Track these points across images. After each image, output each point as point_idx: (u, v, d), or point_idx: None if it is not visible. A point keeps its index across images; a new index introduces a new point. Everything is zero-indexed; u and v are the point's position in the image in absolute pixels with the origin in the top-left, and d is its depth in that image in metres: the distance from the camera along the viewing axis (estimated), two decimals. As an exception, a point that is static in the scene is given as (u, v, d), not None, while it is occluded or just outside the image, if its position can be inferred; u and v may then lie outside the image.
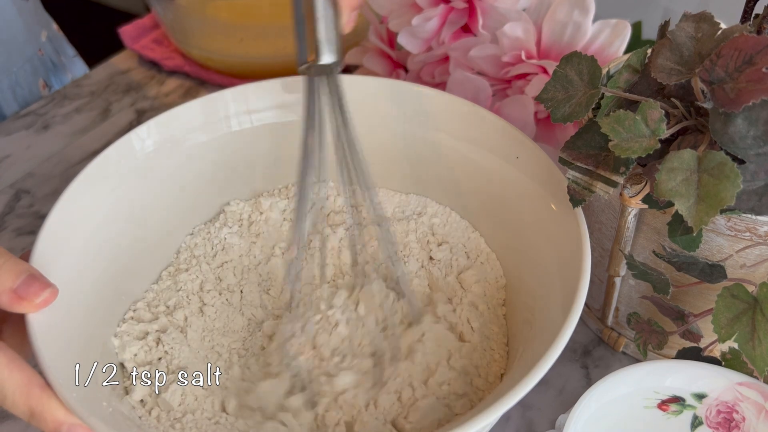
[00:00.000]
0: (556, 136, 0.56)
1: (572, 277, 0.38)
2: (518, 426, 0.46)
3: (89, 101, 0.73)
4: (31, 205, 0.62)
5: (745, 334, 0.36)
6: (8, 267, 0.34)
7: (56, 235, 0.40)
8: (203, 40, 0.72)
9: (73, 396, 0.33)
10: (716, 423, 0.40)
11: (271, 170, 0.52)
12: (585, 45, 0.53)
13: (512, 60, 0.54)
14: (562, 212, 0.41)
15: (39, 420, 0.33)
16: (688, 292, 0.43)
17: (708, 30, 0.37)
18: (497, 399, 0.33)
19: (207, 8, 0.74)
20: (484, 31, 0.55)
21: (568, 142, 0.39)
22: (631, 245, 0.43)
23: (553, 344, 0.34)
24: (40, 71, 0.77)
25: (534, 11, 0.55)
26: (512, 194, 0.46)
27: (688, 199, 0.33)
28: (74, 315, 0.39)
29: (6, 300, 0.34)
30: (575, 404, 0.38)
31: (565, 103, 0.40)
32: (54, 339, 0.36)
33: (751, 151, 0.35)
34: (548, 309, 0.40)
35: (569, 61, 0.40)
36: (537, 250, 0.44)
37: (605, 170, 0.38)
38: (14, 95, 0.73)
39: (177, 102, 0.73)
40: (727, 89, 0.34)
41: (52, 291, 0.36)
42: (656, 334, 0.42)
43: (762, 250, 0.39)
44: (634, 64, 0.41)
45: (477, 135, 0.48)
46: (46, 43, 0.78)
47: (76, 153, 0.67)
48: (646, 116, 0.35)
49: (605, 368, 0.49)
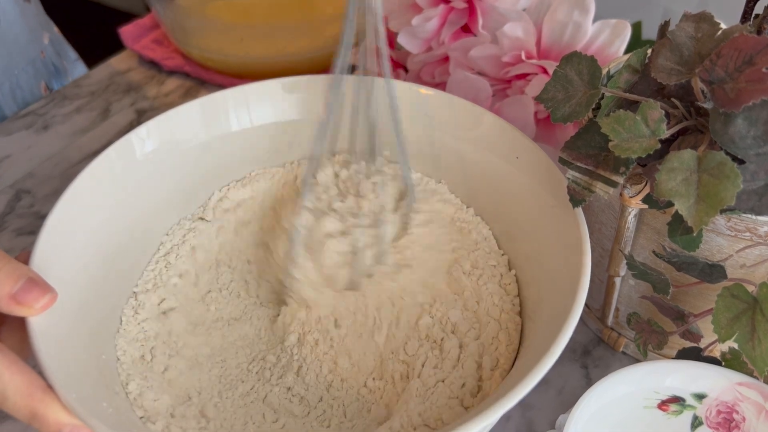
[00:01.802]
0: (556, 136, 0.56)
1: (572, 277, 0.38)
2: (518, 426, 0.46)
3: (89, 101, 0.73)
4: (32, 205, 0.62)
5: (745, 334, 0.36)
6: (7, 271, 0.34)
7: (56, 236, 0.40)
8: (203, 40, 0.72)
9: (73, 397, 0.33)
10: (716, 423, 0.40)
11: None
12: (585, 45, 0.53)
13: (512, 60, 0.54)
14: (562, 212, 0.41)
15: (40, 422, 0.33)
16: (688, 292, 0.43)
17: (708, 30, 0.37)
18: (497, 399, 0.33)
19: (207, 8, 0.74)
20: (484, 31, 0.55)
21: (568, 142, 0.39)
22: (631, 245, 0.43)
23: (553, 344, 0.34)
24: (42, 74, 0.77)
25: (534, 11, 0.55)
26: (512, 194, 0.46)
27: (688, 199, 0.33)
28: (74, 315, 0.39)
29: (5, 305, 0.34)
30: (575, 404, 0.38)
31: (565, 103, 0.40)
32: (54, 340, 0.36)
33: (751, 151, 0.35)
34: (548, 309, 0.40)
35: (569, 61, 0.40)
36: (537, 250, 0.44)
37: (605, 170, 0.38)
38: (14, 98, 0.73)
39: (177, 102, 0.73)
40: (727, 89, 0.34)
41: (52, 296, 0.36)
42: (656, 334, 0.42)
43: (762, 250, 0.39)
44: (634, 64, 0.41)
45: (477, 135, 0.48)
46: (48, 45, 0.78)
47: (76, 153, 0.67)
48: (646, 116, 0.35)
49: (605, 368, 0.49)
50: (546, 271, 0.42)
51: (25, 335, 0.35)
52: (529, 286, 0.44)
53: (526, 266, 0.45)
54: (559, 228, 0.41)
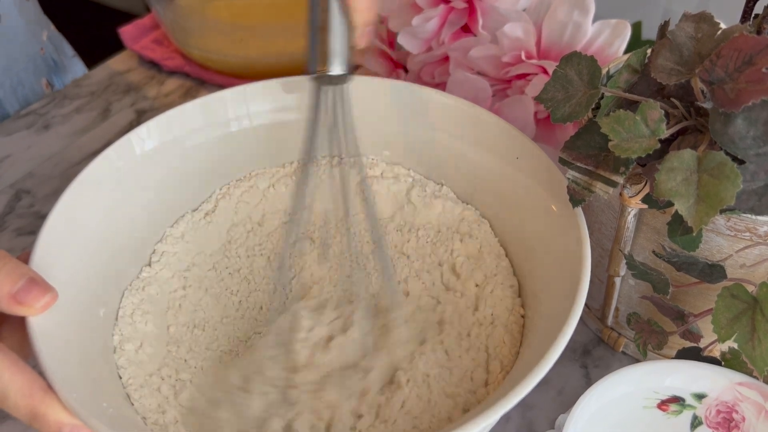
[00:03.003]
0: (556, 136, 0.56)
1: (572, 278, 0.38)
2: (518, 426, 0.46)
3: (89, 101, 0.73)
4: (32, 205, 0.62)
5: (744, 334, 0.36)
6: (7, 270, 0.34)
7: (56, 236, 0.40)
8: (203, 40, 0.72)
9: (73, 397, 0.33)
10: (716, 423, 0.40)
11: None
12: (585, 45, 0.53)
13: (512, 60, 0.54)
14: (562, 212, 0.41)
15: (41, 422, 0.33)
16: (688, 292, 0.43)
17: (708, 30, 0.37)
18: (497, 400, 0.33)
19: (207, 8, 0.74)
20: (484, 31, 0.55)
21: (568, 142, 0.39)
22: (630, 245, 0.43)
23: (553, 344, 0.34)
24: (42, 70, 0.77)
25: (534, 11, 0.55)
26: (512, 194, 0.46)
27: (688, 199, 0.33)
28: (74, 315, 0.39)
29: (5, 304, 0.34)
30: (575, 404, 0.38)
31: (564, 103, 0.40)
32: (54, 339, 0.36)
33: (751, 151, 0.35)
34: (548, 309, 0.40)
35: (569, 61, 0.40)
36: (537, 250, 0.44)
37: (605, 170, 0.38)
38: (15, 95, 0.73)
39: (177, 102, 0.73)
40: (726, 89, 0.34)
41: (52, 295, 0.36)
42: (656, 334, 0.42)
43: (762, 250, 0.39)
44: (634, 64, 0.41)
45: (477, 135, 0.48)
46: (47, 42, 0.78)
47: (76, 153, 0.67)
48: (646, 116, 0.35)
49: (605, 368, 0.49)
50: (546, 271, 0.42)
51: (25, 335, 0.35)
52: (529, 286, 0.44)
53: (526, 266, 0.45)
54: (559, 228, 0.41)
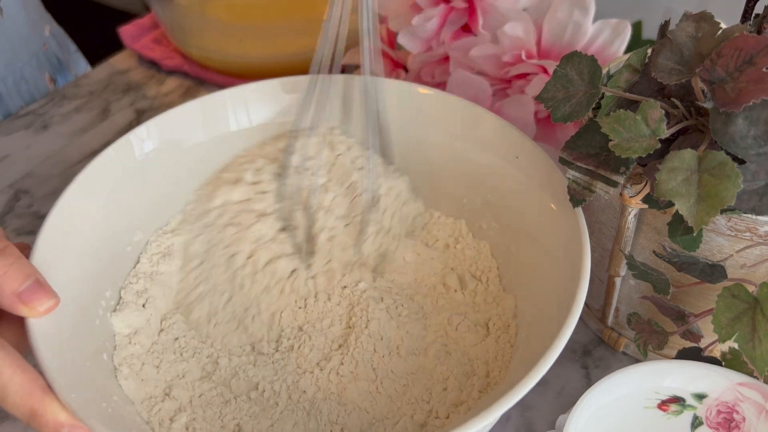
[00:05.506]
0: (556, 136, 0.55)
1: (572, 277, 0.38)
2: (518, 426, 0.46)
3: (88, 101, 0.73)
4: (31, 205, 0.62)
5: (745, 334, 0.36)
6: (17, 267, 0.35)
7: (56, 236, 0.40)
8: (203, 40, 0.72)
9: (72, 397, 0.33)
10: (716, 423, 0.40)
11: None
12: (585, 45, 0.53)
13: (512, 60, 0.54)
14: (562, 212, 0.41)
15: (40, 422, 0.33)
16: (688, 292, 0.43)
17: (708, 30, 0.37)
18: (496, 399, 0.33)
19: (207, 8, 0.74)
20: (484, 31, 0.55)
21: (568, 142, 0.39)
22: (631, 245, 0.43)
23: (553, 344, 0.34)
24: (45, 66, 0.77)
25: (534, 11, 0.55)
26: (512, 194, 0.46)
27: (689, 199, 0.33)
28: (74, 315, 0.39)
29: (8, 302, 0.34)
30: (575, 404, 0.38)
31: (565, 102, 0.40)
32: (53, 339, 0.36)
33: (752, 150, 0.35)
34: (548, 309, 0.40)
35: (569, 60, 0.40)
36: (537, 249, 0.44)
37: (605, 170, 0.38)
38: (18, 91, 0.73)
39: (176, 102, 0.73)
40: (727, 89, 0.34)
41: (56, 301, 0.36)
42: (656, 334, 0.42)
43: (762, 250, 0.39)
44: (635, 63, 0.41)
45: (477, 135, 0.48)
46: (50, 38, 0.78)
47: (76, 153, 0.67)
48: (646, 116, 0.35)
49: (605, 368, 0.49)
50: (546, 270, 0.42)
51: (23, 330, 0.35)
52: (529, 286, 0.44)
53: (525, 266, 0.45)
54: (559, 228, 0.41)
